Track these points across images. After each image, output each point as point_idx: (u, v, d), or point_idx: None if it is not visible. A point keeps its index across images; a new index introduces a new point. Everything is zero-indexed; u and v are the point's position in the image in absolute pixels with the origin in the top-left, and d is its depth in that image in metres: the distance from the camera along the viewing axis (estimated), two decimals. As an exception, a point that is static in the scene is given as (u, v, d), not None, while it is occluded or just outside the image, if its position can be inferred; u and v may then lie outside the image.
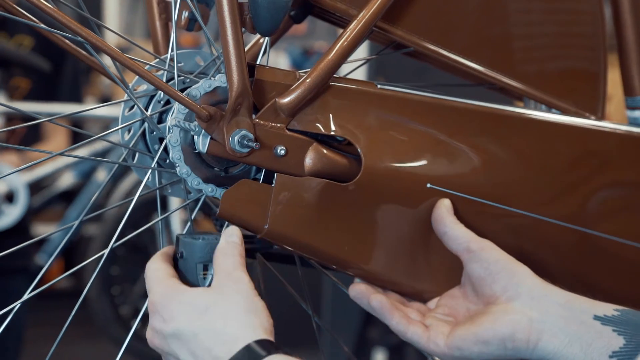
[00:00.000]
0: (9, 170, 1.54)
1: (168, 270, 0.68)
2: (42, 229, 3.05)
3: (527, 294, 0.66)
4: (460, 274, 0.72)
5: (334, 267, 0.73)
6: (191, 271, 0.69)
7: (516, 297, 0.66)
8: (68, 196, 2.80)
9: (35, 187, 2.48)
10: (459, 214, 0.71)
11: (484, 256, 0.68)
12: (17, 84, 2.23)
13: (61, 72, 2.26)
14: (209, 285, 0.68)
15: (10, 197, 2.18)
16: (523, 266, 0.68)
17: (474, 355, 0.66)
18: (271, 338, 0.62)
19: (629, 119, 0.88)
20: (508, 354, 0.66)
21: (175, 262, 0.70)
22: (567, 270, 0.77)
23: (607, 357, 0.62)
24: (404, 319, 0.70)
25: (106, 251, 0.70)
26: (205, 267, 0.69)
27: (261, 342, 0.61)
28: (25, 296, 0.68)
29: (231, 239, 0.68)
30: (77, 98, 2.37)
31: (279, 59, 3.20)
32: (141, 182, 0.72)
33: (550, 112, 0.82)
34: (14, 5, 0.68)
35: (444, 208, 0.71)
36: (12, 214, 2.11)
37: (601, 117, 0.84)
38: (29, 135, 2.24)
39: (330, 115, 0.70)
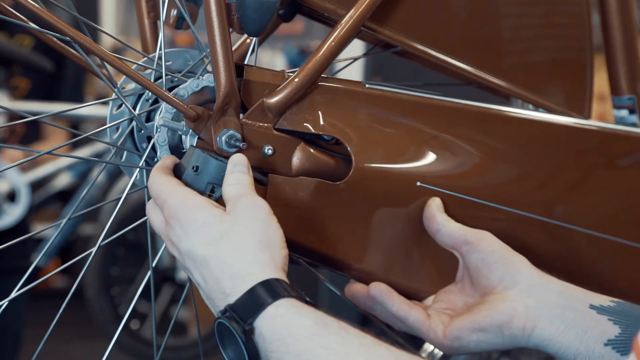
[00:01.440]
0: (7, 166, 1.54)
1: (173, 181, 0.64)
2: (38, 229, 3.05)
3: (523, 283, 0.67)
4: (453, 271, 0.73)
5: (329, 267, 0.73)
6: (199, 187, 0.65)
7: (513, 286, 0.67)
8: (65, 196, 2.80)
9: (32, 186, 2.49)
10: (449, 212, 0.72)
11: (480, 247, 0.69)
12: (17, 84, 2.23)
13: (62, 71, 2.27)
14: None
15: (11, 197, 2.18)
16: (520, 256, 0.69)
17: (472, 344, 0.67)
18: (281, 273, 0.60)
19: (616, 118, 0.89)
20: (505, 341, 0.66)
21: (179, 173, 0.66)
22: (559, 267, 0.77)
23: (602, 345, 0.63)
24: (405, 304, 0.70)
25: (94, 249, 0.70)
26: (213, 190, 0.66)
27: (267, 284, 0.58)
28: (14, 294, 0.68)
29: (237, 168, 0.64)
30: (78, 98, 2.37)
31: (275, 59, 3.20)
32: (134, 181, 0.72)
33: (537, 111, 0.83)
34: (5, 5, 0.68)
35: (434, 206, 0.71)
36: (13, 213, 2.11)
37: (587, 116, 0.84)
38: (28, 134, 2.24)
39: (319, 114, 0.70)
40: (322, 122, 0.70)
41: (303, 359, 0.55)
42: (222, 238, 0.60)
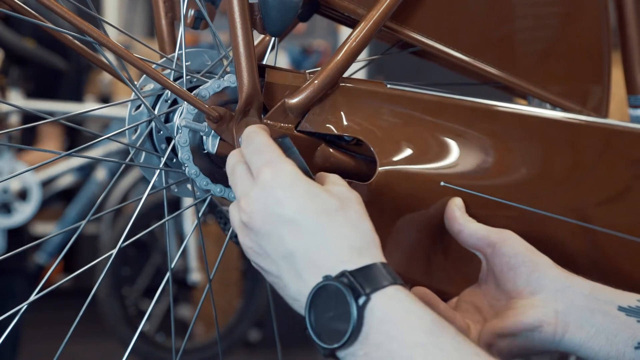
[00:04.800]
0: (24, 168, 1.53)
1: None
2: (40, 228, 3.04)
3: (550, 287, 0.66)
4: (477, 272, 0.72)
5: None
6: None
7: (540, 290, 0.66)
8: (67, 195, 2.79)
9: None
10: (473, 212, 0.71)
11: (504, 250, 0.68)
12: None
13: (62, 71, 2.26)
14: None
15: (22, 195, 2.18)
16: (544, 257, 0.68)
17: (504, 351, 0.66)
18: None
19: (631, 117, 0.89)
20: (535, 346, 0.66)
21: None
22: (583, 266, 0.77)
23: (632, 348, 0.62)
24: (449, 310, 0.69)
25: (114, 251, 0.70)
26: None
27: (387, 266, 0.55)
28: (33, 297, 0.68)
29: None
30: (77, 97, 2.36)
31: (278, 58, 3.20)
32: (144, 180, 0.72)
33: (554, 110, 0.83)
34: (23, 5, 0.68)
35: (455, 207, 0.71)
36: (25, 212, 2.11)
37: (605, 116, 0.84)
38: (25, 136, 2.23)
39: (341, 115, 0.70)
40: (344, 123, 0.70)
41: (413, 352, 0.52)
42: (337, 211, 0.57)
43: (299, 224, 0.57)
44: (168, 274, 0.74)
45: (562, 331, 0.65)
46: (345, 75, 0.71)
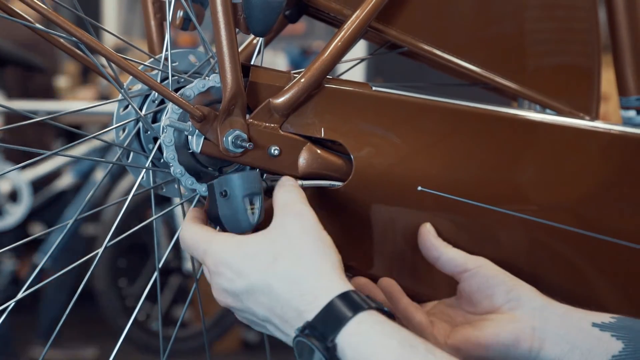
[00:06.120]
0: (10, 168, 1.55)
1: (209, 229, 0.64)
2: (39, 230, 3.04)
3: (528, 305, 0.67)
4: (453, 281, 0.72)
5: None
6: (238, 208, 0.63)
7: (518, 307, 0.67)
8: (66, 196, 2.80)
9: (34, 186, 2.48)
10: (451, 217, 0.71)
11: (482, 272, 0.69)
12: None
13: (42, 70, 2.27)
14: (259, 219, 0.64)
15: (13, 197, 2.18)
16: (520, 280, 0.69)
17: (472, 358, 0.66)
18: (343, 276, 0.58)
19: (623, 119, 0.88)
20: (509, 359, 0.66)
21: (214, 211, 0.65)
22: (564, 273, 0.77)
23: None
24: (412, 305, 0.70)
25: (100, 250, 0.70)
26: (252, 201, 0.64)
27: (345, 297, 0.56)
28: (20, 295, 0.68)
29: (288, 181, 0.65)
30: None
31: (277, 59, 3.20)
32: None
33: (544, 113, 0.82)
34: (11, 6, 0.68)
35: (429, 234, 0.71)
36: (15, 213, 2.12)
37: (595, 117, 0.84)
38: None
39: (323, 117, 0.70)
40: (325, 126, 0.70)
41: None
42: (277, 258, 0.59)
43: (254, 292, 0.59)
44: (156, 273, 0.75)
45: (538, 347, 0.65)
46: (343, 76, 0.71)
